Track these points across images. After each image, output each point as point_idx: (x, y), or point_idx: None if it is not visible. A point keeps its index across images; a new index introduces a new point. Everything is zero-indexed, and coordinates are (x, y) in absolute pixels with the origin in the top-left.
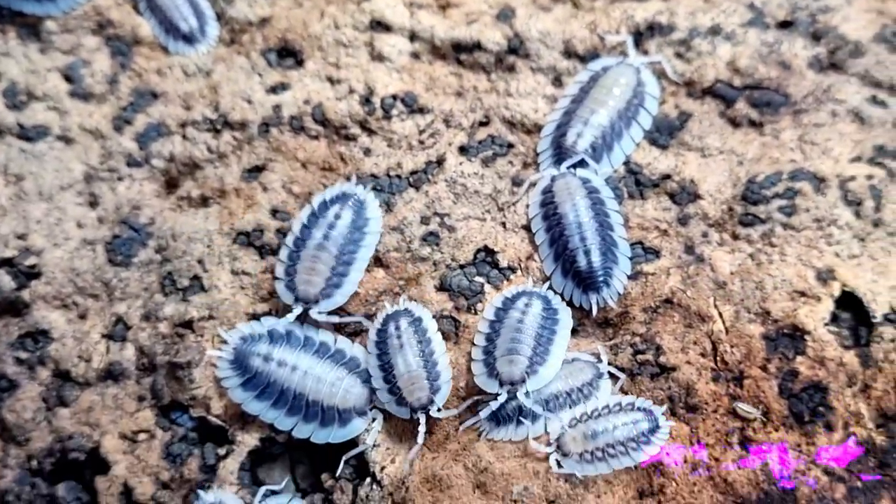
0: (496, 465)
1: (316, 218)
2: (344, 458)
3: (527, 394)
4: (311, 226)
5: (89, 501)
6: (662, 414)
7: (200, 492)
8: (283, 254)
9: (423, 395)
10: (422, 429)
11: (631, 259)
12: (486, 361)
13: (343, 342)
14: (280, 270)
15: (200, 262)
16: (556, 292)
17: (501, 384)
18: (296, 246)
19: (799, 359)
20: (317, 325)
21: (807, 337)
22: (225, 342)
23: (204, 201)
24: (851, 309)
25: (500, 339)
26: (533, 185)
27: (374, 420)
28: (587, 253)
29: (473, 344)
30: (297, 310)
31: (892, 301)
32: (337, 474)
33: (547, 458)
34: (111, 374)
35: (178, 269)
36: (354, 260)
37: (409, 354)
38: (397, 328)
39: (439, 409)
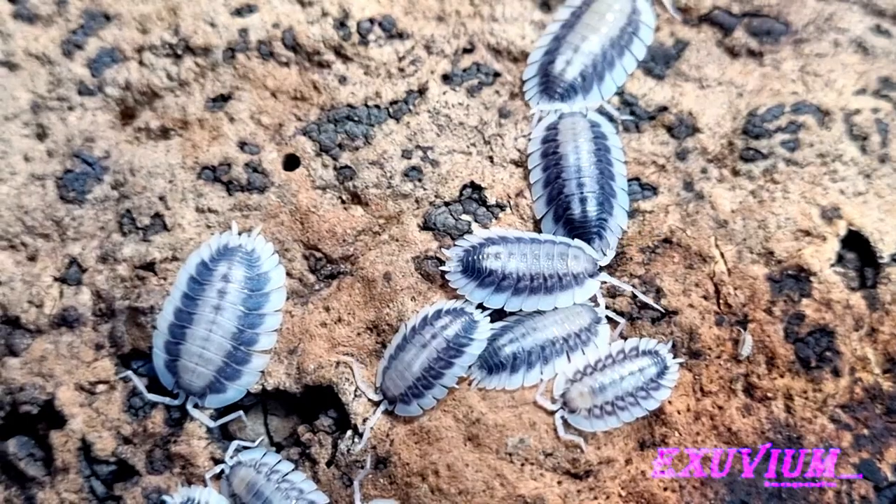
0: (489, 416)
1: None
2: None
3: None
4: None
5: (44, 458)
6: (669, 352)
7: (166, 498)
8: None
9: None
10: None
11: (629, 213)
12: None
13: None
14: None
15: (162, 198)
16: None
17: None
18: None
19: (805, 301)
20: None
21: (812, 278)
22: None
23: (164, 133)
24: (857, 249)
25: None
26: (541, 118)
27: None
28: (583, 201)
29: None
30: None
31: None
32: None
33: (549, 413)
34: (65, 320)
35: (137, 206)
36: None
37: None
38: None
39: None
